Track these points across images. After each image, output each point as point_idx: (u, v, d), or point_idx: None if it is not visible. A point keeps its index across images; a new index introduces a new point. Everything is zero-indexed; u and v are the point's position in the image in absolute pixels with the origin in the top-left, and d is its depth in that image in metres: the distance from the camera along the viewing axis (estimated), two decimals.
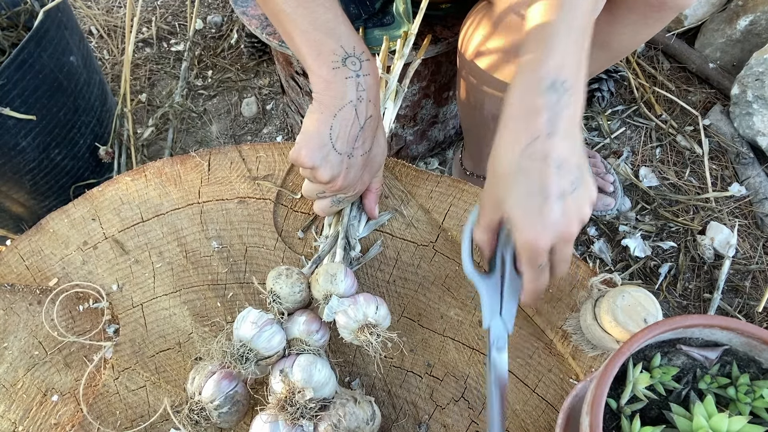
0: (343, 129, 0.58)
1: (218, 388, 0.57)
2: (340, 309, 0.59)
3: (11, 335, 0.68)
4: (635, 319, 0.57)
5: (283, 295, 0.61)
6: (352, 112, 0.58)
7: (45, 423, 0.64)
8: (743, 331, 0.44)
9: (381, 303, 0.59)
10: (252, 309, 0.60)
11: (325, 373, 0.57)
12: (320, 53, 0.57)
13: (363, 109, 0.58)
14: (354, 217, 0.71)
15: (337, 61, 0.57)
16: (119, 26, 1.63)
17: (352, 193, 0.66)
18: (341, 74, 0.57)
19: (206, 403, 0.57)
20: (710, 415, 0.42)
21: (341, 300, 0.59)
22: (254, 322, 0.58)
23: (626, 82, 1.44)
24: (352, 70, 0.57)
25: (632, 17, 0.80)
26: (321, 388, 0.56)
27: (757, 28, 1.33)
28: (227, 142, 1.44)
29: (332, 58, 0.57)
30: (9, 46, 1.07)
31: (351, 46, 0.57)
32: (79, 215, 0.74)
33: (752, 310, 1.14)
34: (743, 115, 1.31)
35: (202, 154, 0.77)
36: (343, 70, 0.57)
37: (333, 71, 0.57)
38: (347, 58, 0.57)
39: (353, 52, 0.57)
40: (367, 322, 0.58)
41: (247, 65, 1.56)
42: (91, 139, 1.17)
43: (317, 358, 0.58)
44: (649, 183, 1.30)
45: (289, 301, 0.61)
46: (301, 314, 0.62)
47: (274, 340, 0.58)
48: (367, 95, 0.58)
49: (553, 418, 0.63)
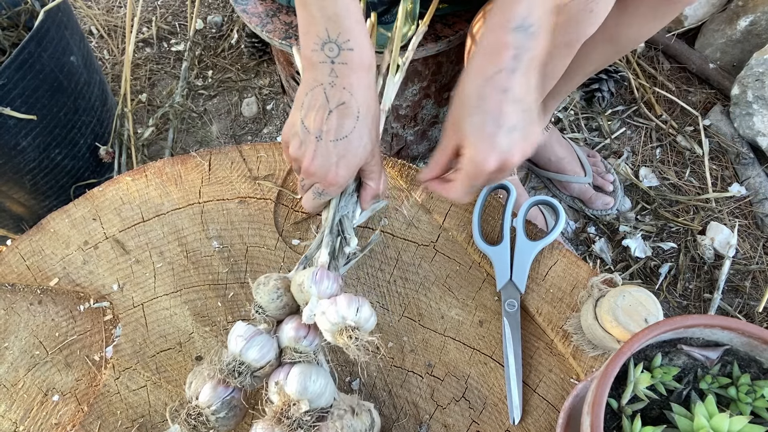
0: (311, 108, 0.59)
1: (215, 394, 0.57)
2: (318, 311, 0.57)
3: (12, 335, 0.68)
4: (636, 319, 0.58)
5: (264, 303, 0.60)
6: (321, 94, 0.58)
7: (46, 423, 0.64)
8: (744, 331, 0.45)
9: (363, 304, 0.57)
10: (240, 322, 0.59)
11: (320, 383, 0.56)
12: (307, 32, 0.57)
13: (334, 94, 0.58)
14: (343, 207, 0.68)
15: (318, 44, 0.57)
16: (119, 26, 1.63)
17: (327, 183, 0.63)
18: (317, 57, 0.57)
19: (203, 408, 0.56)
20: (711, 415, 0.42)
21: (319, 302, 0.57)
22: (241, 335, 0.58)
23: (626, 82, 1.44)
24: (327, 56, 0.57)
25: (642, 8, 0.80)
26: (317, 399, 0.55)
27: (757, 28, 1.33)
28: (228, 142, 1.44)
29: (314, 39, 0.57)
30: (9, 46, 1.07)
31: (336, 31, 0.57)
32: (79, 215, 0.74)
33: (752, 310, 1.14)
34: (743, 116, 1.31)
35: (203, 154, 0.77)
36: (319, 54, 0.57)
37: (312, 53, 0.57)
38: (326, 44, 0.57)
39: (336, 38, 0.57)
40: (347, 324, 0.55)
41: (247, 65, 1.56)
42: (92, 139, 1.17)
43: (312, 368, 0.57)
44: (649, 183, 1.30)
45: (271, 309, 0.60)
46: (288, 321, 0.60)
47: (263, 350, 0.57)
48: (341, 82, 0.58)
49: (553, 418, 0.63)
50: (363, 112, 0.60)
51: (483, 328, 0.68)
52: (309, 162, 0.61)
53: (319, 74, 0.58)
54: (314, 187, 0.65)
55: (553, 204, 0.72)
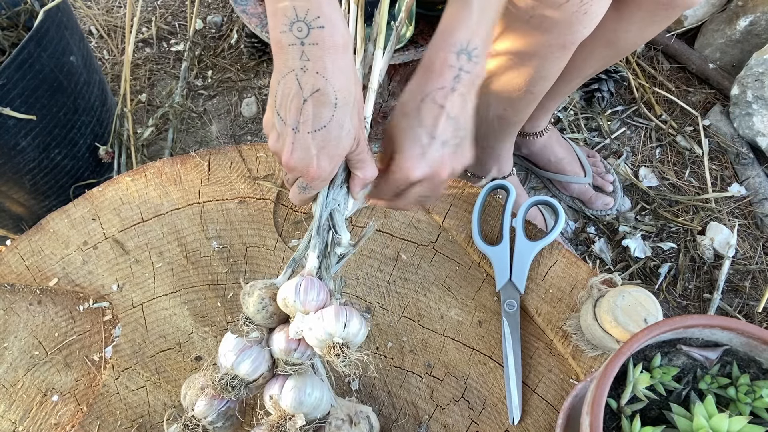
0: (284, 98, 0.55)
1: (210, 405, 0.56)
2: (305, 327, 0.55)
3: (11, 335, 0.68)
4: (635, 320, 0.58)
5: (251, 315, 0.58)
6: (293, 81, 0.54)
7: (45, 423, 0.64)
8: (743, 331, 0.45)
9: (352, 317, 0.54)
10: (229, 335, 0.58)
11: (315, 395, 0.55)
12: (275, 12, 0.53)
13: (307, 80, 0.54)
14: (332, 201, 0.64)
15: (286, 24, 0.53)
16: (119, 26, 1.63)
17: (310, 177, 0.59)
18: (286, 39, 0.53)
19: (200, 419, 0.56)
20: (710, 415, 0.42)
21: (305, 318, 0.55)
22: (230, 350, 0.56)
23: (626, 82, 1.44)
24: (296, 37, 0.53)
25: (640, 14, 0.80)
26: (313, 411, 0.55)
27: (756, 28, 1.33)
28: (227, 142, 1.44)
29: (282, 20, 0.53)
30: (9, 46, 1.07)
31: (305, 8, 0.52)
32: (79, 215, 0.74)
33: (752, 311, 1.14)
34: (743, 116, 1.31)
35: (202, 154, 0.77)
36: (288, 35, 0.53)
37: (280, 34, 0.53)
38: (295, 23, 0.52)
39: (304, 16, 0.52)
40: (334, 342, 0.53)
41: (247, 65, 1.56)
42: (91, 139, 1.17)
43: (306, 380, 0.55)
44: (648, 183, 1.30)
45: (258, 319, 0.58)
46: (278, 331, 0.58)
47: (255, 363, 0.56)
48: (313, 66, 0.54)
49: (553, 418, 0.63)
50: (341, 98, 0.55)
51: (482, 329, 0.68)
52: (288, 156, 0.57)
53: (290, 59, 0.54)
54: (298, 181, 0.61)
55: (552, 204, 0.72)
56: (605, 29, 0.77)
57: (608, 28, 0.79)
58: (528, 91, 0.84)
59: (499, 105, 0.90)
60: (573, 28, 0.69)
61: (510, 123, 0.97)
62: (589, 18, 0.68)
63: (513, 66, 0.80)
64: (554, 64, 0.78)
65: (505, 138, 1.05)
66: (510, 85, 0.83)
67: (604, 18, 0.71)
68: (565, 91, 1.04)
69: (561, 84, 0.92)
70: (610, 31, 0.82)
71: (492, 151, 1.09)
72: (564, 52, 0.75)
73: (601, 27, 0.72)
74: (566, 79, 0.94)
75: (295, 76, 0.54)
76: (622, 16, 0.81)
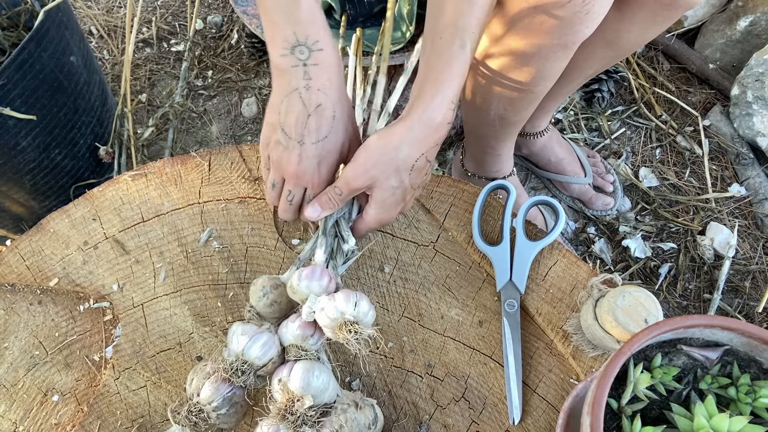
0: (290, 116, 0.59)
1: (216, 390, 0.57)
2: (317, 308, 0.58)
3: (12, 335, 0.68)
4: (636, 320, 0.58)
5: (254, 302, 0.62)
6: (297, 99, 0.59)
7: (45, 423, 0.64)
8: (744, 331, 0.45)
9: (361, 298, 0.58)
10: (238, 322, 0.60)
11: (323, 378, 0.56)
12: (274, 37, 0.58)
13: (310, 97, 0.59)
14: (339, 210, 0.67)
15: (287, 48, 0.57)
16: (119, 26, 1.63)
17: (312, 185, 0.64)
18: (287, 62, 0.58)
19: (204, 405, 0.56)
20: (711, 415, 0.42)
21: (318, 299, 0.58)
22: (242, 334, 0.58)
23: (626, 82, 1.44)
24: (299, 59, 0.58)
25: (642, 15, 0.80)
26: (321, 394, 0.56)
27: (757, 28, 1.33)
28: (227, 142, 1.44)
29: (283, 44, 0.57)
30: (9, 46, 1.07)
31: (305, 34, 0.57)
32: (79, 215, 0.74)
33: (752, 311, 1.14)
34: (743, 116, 1.31)
35: (203, 154, 0.77)
36: (289, 58, 0.58)
37: (281, 58, 0.58)
38: (296, 47, 0.57)
39: (305, 41, 0.57)
40: (345, 319, 0.56)
41: (247, 65, 1.56)
42: (92, 139, 1.17)
43: (315, 364, 0.57)
44: (649, 183, 1.30)
45: (260, 307, 0.62)
46: (294, 319, 0.61)
47: (265, 348, 0.58)
48: (315, 84, 0.59)
49: (553, 419, 0.63)
50: (338, 111, 0.61)
51: (483, 329, 0.68)
52: (295, 166, 0.62)
53: (293, 79, 0.58)
54: (284, 192, 0.65)
55: (552, 204, 0.72)
56: (607, 29, 0.77)
57: (610, 28, 0.79)
58: (529, 91, 0.84)
59: (500, 105, 0.90)
60: (575, 28, 0.69)
61: (510, 123, 0.97)
62: (590, 18, 0.68)
63: (514, 66, 0.80)
64: (555, 64, 0.78)
65: (505, 138, 1.05)
66: (511, 85, 0.84)
67: (605, 18, 0.71)
68: (566, 91, 1.04)
69: (562, 84, 0.92)
70: (612, 31, 0.82)
71: (492, 151, 1.09)
72: (565, 52, 0.75)
73: (602, 27, 0.72)
74: (567, 79, 0.93)
75: (298, 94, 0.59)
76: (624, 16, 0.81)
